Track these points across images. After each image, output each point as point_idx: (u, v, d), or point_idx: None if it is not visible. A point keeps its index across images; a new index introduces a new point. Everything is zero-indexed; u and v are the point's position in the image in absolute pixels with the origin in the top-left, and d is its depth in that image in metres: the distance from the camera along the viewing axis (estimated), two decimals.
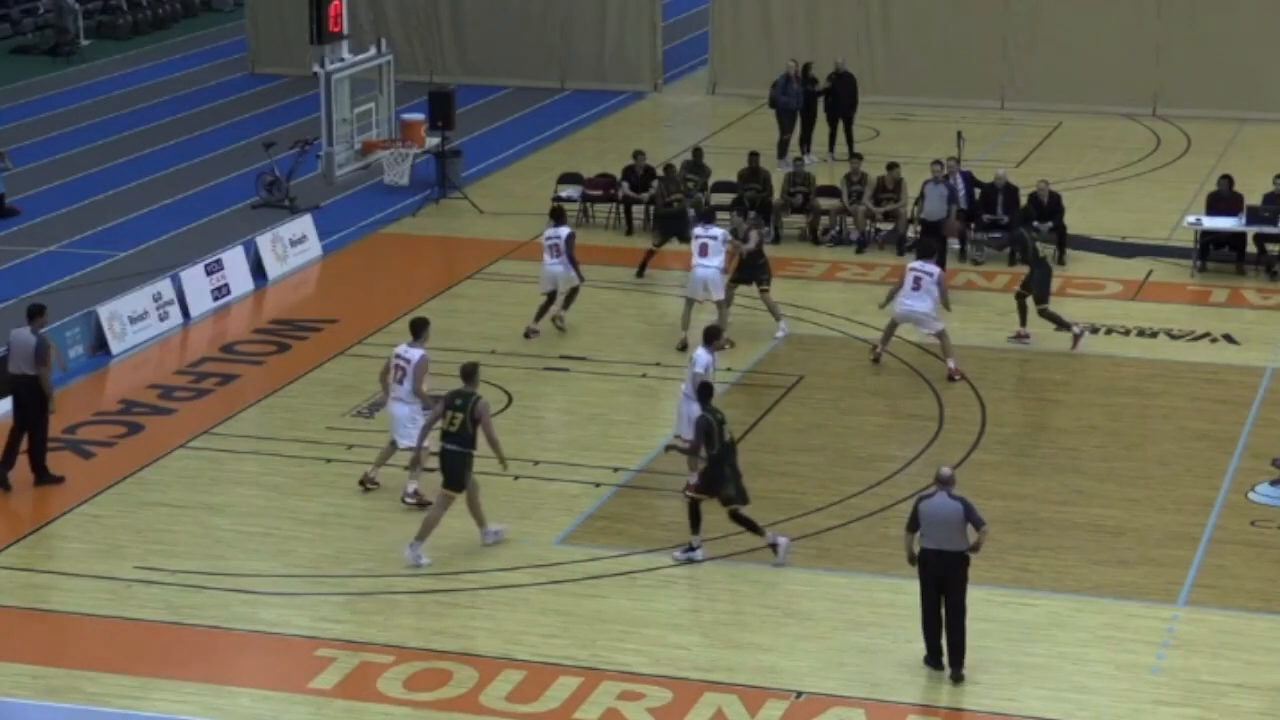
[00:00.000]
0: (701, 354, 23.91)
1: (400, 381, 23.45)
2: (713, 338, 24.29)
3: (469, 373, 22.31)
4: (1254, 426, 26.08)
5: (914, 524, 19.46)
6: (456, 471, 22.04)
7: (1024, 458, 25.10)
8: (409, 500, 23.43)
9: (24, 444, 24.22)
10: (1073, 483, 24.29)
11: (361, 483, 23.98)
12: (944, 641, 19.57)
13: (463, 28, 47.48)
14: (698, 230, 29.09)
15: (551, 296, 29.24)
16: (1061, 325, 28.92)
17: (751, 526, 21.95)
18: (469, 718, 18.95)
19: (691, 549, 22.12)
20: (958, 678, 19.48)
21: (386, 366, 23.71)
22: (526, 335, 29.09)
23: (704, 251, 28.62)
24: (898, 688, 19.41)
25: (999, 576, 21.73)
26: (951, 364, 27.77)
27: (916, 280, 27.76)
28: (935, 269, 27.98)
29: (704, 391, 22.39)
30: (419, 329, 23.79)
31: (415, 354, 23.47)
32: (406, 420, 23.41)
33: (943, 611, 19.53)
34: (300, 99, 44.03)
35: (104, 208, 37.15)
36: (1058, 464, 24.88)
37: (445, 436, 22.05)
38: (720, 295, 28.65)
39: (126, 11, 56.08)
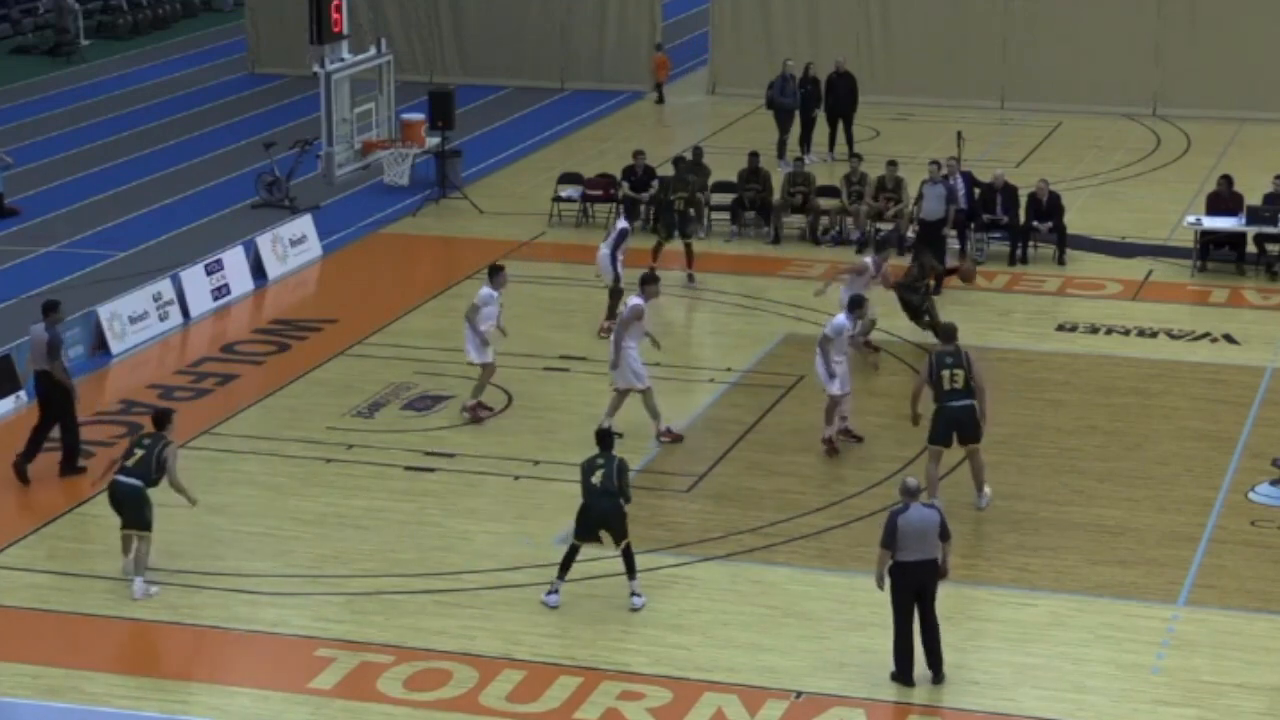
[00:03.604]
0: (841, 319, 25.14)
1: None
2: (856, 305, 25.55)
3: (950, 333, 23.69)
4: (1254, 426, 26.08)
5: (892, 541, 19.10)
6: (972, 424, 23.25)
7: (1024, 458, 25.08)
8: (663, 439, 25.26)
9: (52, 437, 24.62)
10: (1073, 483, 24.28)
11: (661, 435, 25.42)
12: (918, 652, 19.41)
13: (463, 28, 47.51)
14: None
15: None
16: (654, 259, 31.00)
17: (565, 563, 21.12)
18: (469, 718, 18.94)
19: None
20: (942, 678, 19.44)
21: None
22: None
23: None
24: (898, 688, 19.39)
25: (999, 576, 21.74)
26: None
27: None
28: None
29: (601, 439, 21.33)
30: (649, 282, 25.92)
31: (634, 301, 25.47)
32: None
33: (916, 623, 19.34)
34: (300, 99, 44.06)
35: (104, 208, 37.15)
36: (1058, 464, 24.87)
37: (952, 395, 23.15)
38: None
39: (126, 11, 56.14)
